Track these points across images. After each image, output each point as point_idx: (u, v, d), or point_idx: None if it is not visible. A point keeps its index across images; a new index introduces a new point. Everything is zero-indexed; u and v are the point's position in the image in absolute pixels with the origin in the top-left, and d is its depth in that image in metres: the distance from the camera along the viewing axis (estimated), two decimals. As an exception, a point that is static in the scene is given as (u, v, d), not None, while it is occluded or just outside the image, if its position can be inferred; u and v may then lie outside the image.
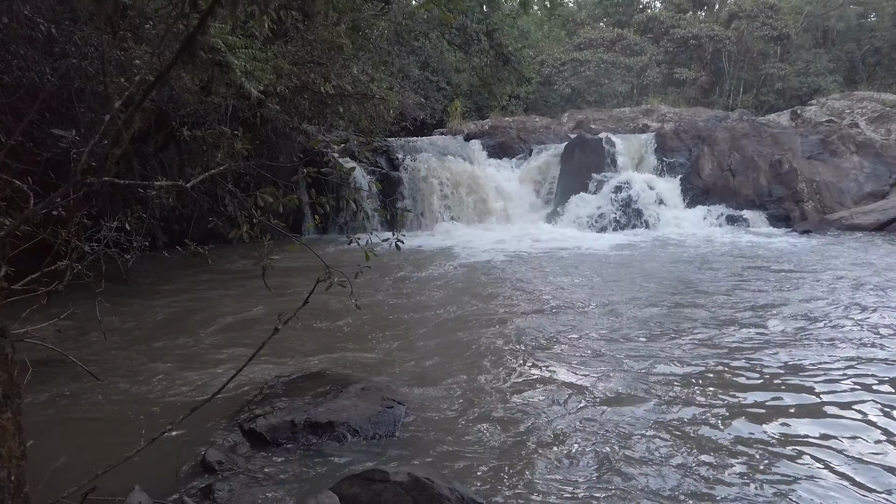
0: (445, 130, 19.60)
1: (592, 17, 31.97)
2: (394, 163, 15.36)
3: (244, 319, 6.78)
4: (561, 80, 24.65)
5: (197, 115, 7.99)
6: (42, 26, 6.16)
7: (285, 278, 8.27)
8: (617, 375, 4.85)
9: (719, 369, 4.97)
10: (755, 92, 24.74)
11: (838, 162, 15.01)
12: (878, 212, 13.19)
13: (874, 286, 7.73)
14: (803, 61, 24.65)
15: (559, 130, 19.01)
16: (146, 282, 8.49)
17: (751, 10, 24.01)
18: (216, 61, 4.62)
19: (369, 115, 10.66)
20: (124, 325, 6.52)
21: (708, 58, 25.60)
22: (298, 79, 8.76)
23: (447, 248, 11.87)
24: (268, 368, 5.06)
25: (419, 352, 5.56)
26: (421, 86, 20.64)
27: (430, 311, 7.01)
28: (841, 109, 17.23)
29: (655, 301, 7.23)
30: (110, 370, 5.15)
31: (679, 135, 16.56)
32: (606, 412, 4.18)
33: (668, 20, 26.61)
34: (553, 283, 8.53)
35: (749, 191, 14.61)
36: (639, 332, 5.98)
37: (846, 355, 5.25)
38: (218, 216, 6.32)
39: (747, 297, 7.33)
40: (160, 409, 4.37)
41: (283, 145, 11.50)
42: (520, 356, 5.38)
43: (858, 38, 26.26)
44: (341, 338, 6.05)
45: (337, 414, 3.91)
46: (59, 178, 5.69)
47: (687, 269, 9.31)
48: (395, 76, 14.74)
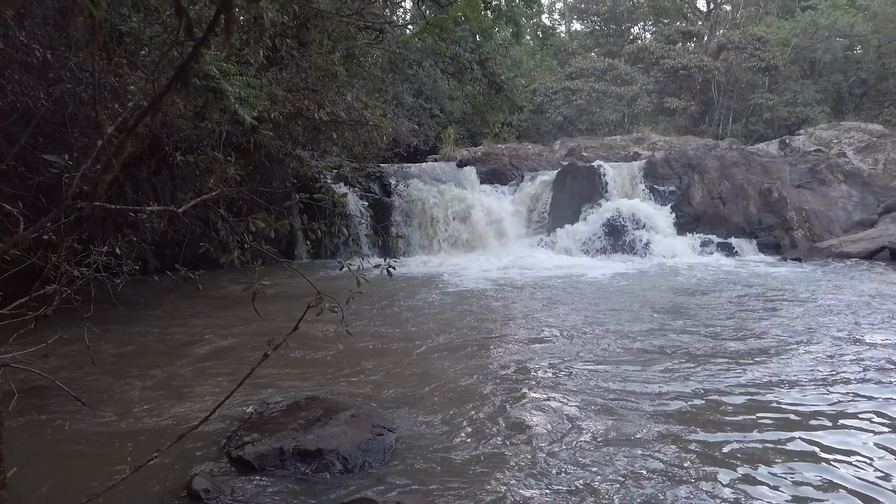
0: (439, 157, 19.73)
1: (584, 48, 32.46)
2: (387, 189, 15.42)
3: (234, 345, 6.74)
4: (553, 109, 24.92)
5: (190, 141, 8.01)
6: (38, 52, 6.21)
7: (276, 304, 8.23)
8: (610, 408, 4.83)
9: (718, 405, 4.95)
10: (744, 121, 25.07)
11: (827, 191, 15.18)
12: (867, 240, 13.31)
13: (869, 315, 7.77)
14: (791, 92, 25.05)
15: (551, 158, 19.19)
16: (136, 306, 8.44)
17: (739, 42, 24.45)
18: (210, 88, 4.65)
19: (363, 141, 10.73)
20: (112, 350, 6.46)
21: (698, 88, 25.98)
22: (292, 105, 8.82)
23: (439, 273, 11.87)
24: (257, 395, 5.01)
25: (410, 379, 5.53)
26: (414, 113, 20.83)
27: (421, 337, 6.99)
28: (829, 139, 17.47)
29: (647, 330, 7.24)
30: (97, 396, 5.09)
31: (670, 163, 16.73)
32: (599, 445, 4.15)
33: (658, 51, 27.04)
34: (545, 310, 8.52)
35: (739, 218, 14.72)
36: (630, 363, 5.97)
37: (849, 390, 5.25)
38: (210, 241, 6.31)
39: (741, 328, 7.34)
40: (147, 435, 4.32)
41: (276, 170, 11.54)
42: (511, 385, 5.36)
43: (845, 69, 26.74)
44: (332, 364, 6.01)
45: (326, 441, 3.87)
46: (51, 202, 5.68)
47: (679, 297, 9.34)
48: (389, 103, 14.89)
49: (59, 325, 4.04)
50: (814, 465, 3.84)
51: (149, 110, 1.84)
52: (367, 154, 11.57)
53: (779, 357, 6.02)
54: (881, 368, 5.61)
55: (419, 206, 15.11)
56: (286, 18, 7.95)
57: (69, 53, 6.64)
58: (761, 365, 5.77)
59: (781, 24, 27.37)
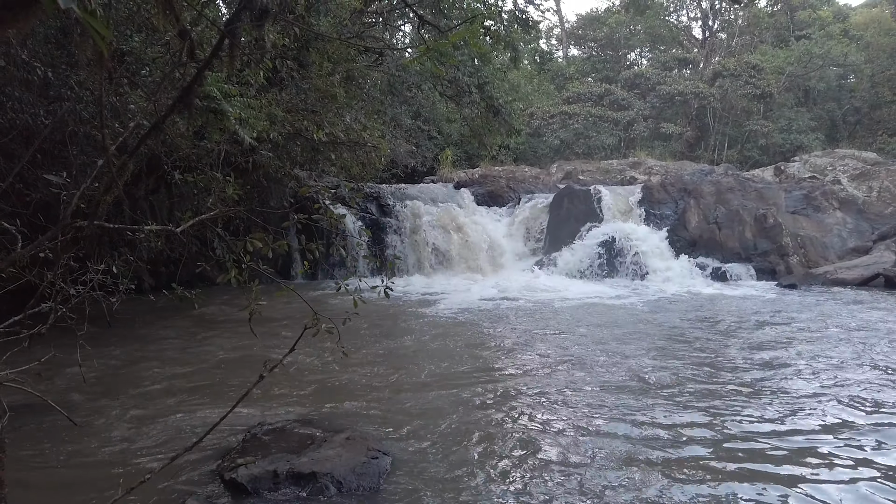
0: (436, 178, 19.83)
1: (581, 73, 32.82)
2: (384, 209, 15.46)
3: (229, 365, 6.69)
4: (550, 132, 25.12)
5: (189, 160, 8.04)
6: (39, 70, 6.25)
7: (273, 323, 8.20)
8: (607, 438, 4.79)
9: (719, 436, 4.93)
10: (739, 147, 25.30)
11: (822, 217, 15.28)
12: (862, 267, 13.37)
13: (864, 342, 7.78)
14: (786, 119, 25.32)
15: (548, 181, 19.30)
16: (130, 325, 8.39)
17: (734, 70, 24.76)
18: (211, 109, 4.68)
19: (361, 162, 10.78)
20: (106, 369, 6.41)
21: (693, 113, 26.26)
22: (291, 126, 8.88)
23: (435, 295, 11.86)
24: (251, 416, 4.97)
25: (406, 402, 5.49)
26: (412, 134, 20.96)
27: (418, 360, 6.96)
28: (823, 166, 17.62)
29: (645, 355, 7.22)
30: (90, 415, 5.04)
31: (666, 188, 16.83)
32: (596, 473, 4.12)
33: (654, 77, 27.37)
34: (541, 336, 8.50)
35: (735, 244, 14.78)
36: (629, 390, 5.94)
37: (845, 423, 5.24)
38: (206, 260, 6.30)
39: (738, 356, 7.33)
40: (139, 456, 4.27)
41: (273, 190, 11.57)
42: (506, 411, 5.32)
43: (839, 97, 27.09)
44: (327, 385, 5.97)
45: (321, 464, 3.83)
46: (49, 219, 5.68)
47: (676, 321, 9.33)
48: (388, 125, 14.99)
49: (52, 343, 4.01)
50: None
51: (152, 132, 1.85)
52: (364, 175, 11.62)
53: (774, 391, 6.00)
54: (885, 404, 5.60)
55: (416, 227, 15.14)
56: (287, 41, 8.04)
57: (70, 72, 6.69)
58: (755, 398, 5.75)
59: (776, 53, 27.76)
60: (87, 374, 5.36)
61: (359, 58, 10.14)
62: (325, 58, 8.87)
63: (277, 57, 8.26)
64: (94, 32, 0.98)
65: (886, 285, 12.55)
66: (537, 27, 14.25)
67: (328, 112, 9.44)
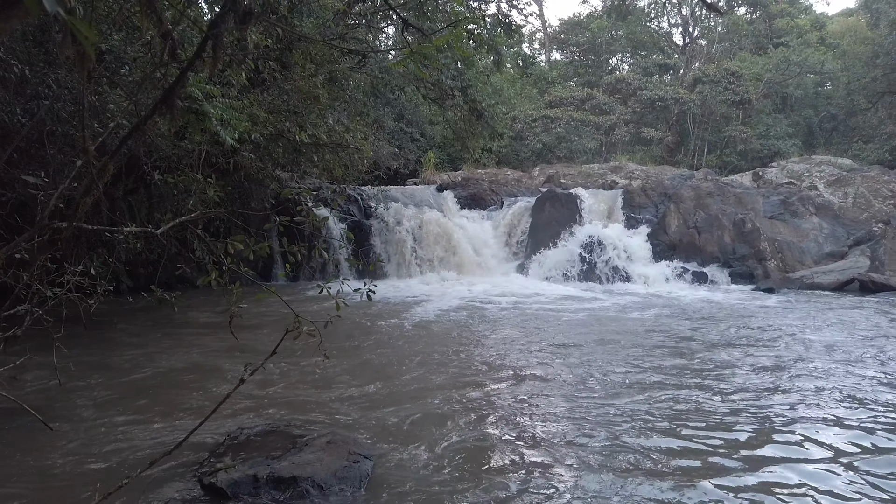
0: (419, 180, 19.84)
1: (563, 77, 33.03)
2: (366, 211, 15.42)
3: (208, 368, 6.62)
4: (532, 136, 25.24)
5: (169, 160, 7.96)
6: (16, 68, 6.14)
7: (253, 326, 8.14)
8: (588, 442, 4.82)
9: (703, 443, 4.98)
10: (719, 152, 25.61)
11: (799, 222, 15.51)
12: (838, 272, 13.60)
13: (843, 347, 7.90)
14: (764, 125, 25.69)
15: (530, 184, 19.39)
16: (108, 327, 8.27)
17: (714, 76, 25.07)
18: (192, 109, 4.64)
19: (343, 163, 10.74)
20: (82, 372, 6.31)
21: (673, 119, 26.52)
22: (274, 127, 8.81)
23: (417, 297, 11.84)
24: (231, 420, 4.92)
25: (387, 405, 5.48)
26: (395, 136, 20.96)
27: (399, 364, 6.94)
28: (800, 172, 17.90)
29: (625, 359, 7.27)
30: (66, 419, 4.96)
31: (646, 192, 17.00)
32: (579, 475, 4.14)
33: (635, 82, 27.61)
34: (524, 338, 8.53)
35: (714, 248, 14.96)
36: (608, 394, 5.98)
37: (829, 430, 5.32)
38: (186, 261, 6.23)
39: (717, 359, 7.41)
40: (117, 461, 4.21)
41: (254, 191, 11.48)
42: (490, 414, 5.33)
43: (815, 104, 27.56)
44: (308, 389, 5.94)
45: (301, 468, 3.80)
46: (24, 219, 5.58)
47: (656, 324, 9.41)
48: (370, 126, 14.95)
49: (28, 345, 3.95)
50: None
51: (132, 134, 1.83)
52: (347, 176, 11.58)
53: (751, 392, 6.07)
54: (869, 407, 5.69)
55: (398, 229, 15.12)
56: (270, 41, 7.99)
57: (48, 70, 6.59)
58: (729, 401, 5.82)
59: (755, 60, 28.16)
60: (64, 377, 5.27)
61: (342, 59, 10.11)
62: (308, 59, 8.83)
63: (260, 58, 8.20)
64: (80, 35, 0.97)
65: (861, 289, 12.78)
66: (520, 31, 14.30)
67: (311, 113, 9.39)
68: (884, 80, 24.90)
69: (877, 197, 16.16)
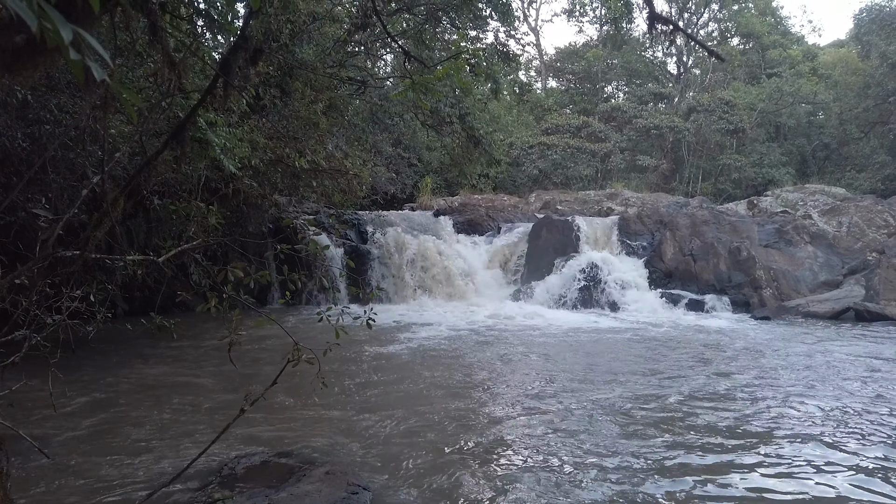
0: (416, 205, 19.93)
1: (559, 104, 33.40)
2: (363, 236, 15.44)
3: (207, 396, 6.57)
4: (529, 162, 25.45)
5: (168, 185, 7.98)
6: (18, 92, 6.18)
7: (251, 352, 8.09)
8: (585, 474, 4.79)
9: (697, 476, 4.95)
10: (713, 180, 25.85)
11: (794, 251, 15.59)
12: (833, 301, 13.63)
13: (838, 376, 7.90)
14: (758, 153, 25.98)
15: (527, 210, 19.50)
16: (104, 353, 8.21)
17: (708, 105, 25.41)
18: (196, 138, 4.68)
19: (342, 189, 10.80)
20: (79, 399, 6.25)
21: (668, 147, 26.80)
22: (273, 152, 8.87)
23: (415, 324, 11.81)
24: (229, 450, 4.87)
25: (386, 435, 5.44)
26: (393, 161, 21.08)
27: (397, 391, 6.90)
28: (795, 201, 18.05)
29: (621, 387, 7.25)
30: (62, 448, 4.90)
31: (642, 219, 17.09)
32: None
33: (630, 110, 27.95)
34: (518, 365, 8.51)
35: (710, 276, 15.00)
36: (607, 424, 5.96)
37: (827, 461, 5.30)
38: (183, 285, 6.21)
39: (715, 389, 7.39)
40: (114, 492, 4.15)
41: (252, 215, 11.51)
42: (487, 445, 5.29)
43: (808, 133, 27.92)
44: (305, 418, 5.89)
45: (299, 499, 3.77)
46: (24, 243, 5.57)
47: (653, 353, 9.40)
48: (368, 152, 15.06)
49: (24, 371, 3.92)
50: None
51: (143, 170, 1.85)
52: (345, 202, 11.63)
53: (751, 430, 6.06)
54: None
55: (395, 254, 15.14)
56: (271, 69, 8.08)
57: (50, 95, 6.63)
58: (726, 428, 5.80)
59: (748, 90, 28.57)
60: (60, 404, 5.22)
61: (341, 86, 10.21)
62: (308, 86, 8.92)
63: (260, 84, 8.29)
64: (124, 101, 0.99)
65: (857, 318, 12.81)
66: (517, 59, 14.49)
67: (310, 139, 9.46)
68: (875, 111, 25.27)
69: (870, 226, 16.28)
